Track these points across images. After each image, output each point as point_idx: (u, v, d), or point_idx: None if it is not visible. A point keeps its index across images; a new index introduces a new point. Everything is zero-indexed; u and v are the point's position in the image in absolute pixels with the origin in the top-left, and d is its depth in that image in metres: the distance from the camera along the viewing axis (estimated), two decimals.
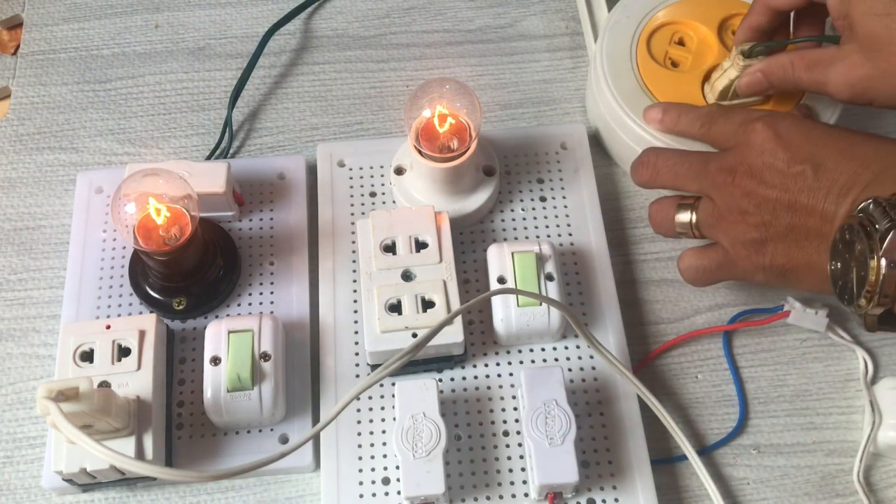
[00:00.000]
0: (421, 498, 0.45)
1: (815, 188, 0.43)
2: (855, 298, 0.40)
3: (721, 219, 0.47)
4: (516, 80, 0.64)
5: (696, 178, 0.48)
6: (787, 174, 0.44)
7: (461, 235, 0.55)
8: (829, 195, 0.43)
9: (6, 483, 0.49)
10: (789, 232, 0.44)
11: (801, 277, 0.45)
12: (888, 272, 0.38)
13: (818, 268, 0.43)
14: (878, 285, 0.38)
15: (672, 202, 0.50)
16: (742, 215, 0.45)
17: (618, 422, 0.49)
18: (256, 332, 0.48)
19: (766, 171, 0.44)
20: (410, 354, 0.44)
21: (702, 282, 0.50)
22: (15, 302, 0.55)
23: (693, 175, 0.48)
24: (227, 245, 0.54)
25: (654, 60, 0.57)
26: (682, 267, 0.50)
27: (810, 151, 0.44)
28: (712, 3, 0.59)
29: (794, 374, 0.53)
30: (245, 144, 0.61)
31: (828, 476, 0.50)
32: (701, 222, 0.48)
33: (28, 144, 0.60)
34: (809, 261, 0.44)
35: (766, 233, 0.45)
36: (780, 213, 0.44)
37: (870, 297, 0.39)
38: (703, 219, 0.48)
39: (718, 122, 0.49)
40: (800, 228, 0.44)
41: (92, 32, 0.65)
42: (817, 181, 0.43)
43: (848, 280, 0.40)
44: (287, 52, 0.65)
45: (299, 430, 0.49)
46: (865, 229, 0.39)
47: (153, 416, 0.46)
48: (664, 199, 0.51)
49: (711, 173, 0.47)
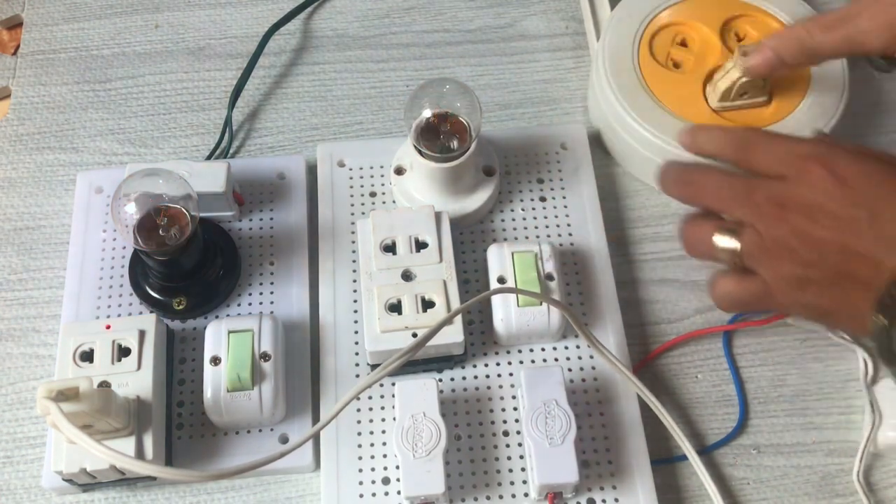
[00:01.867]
0: (421, 498, 0.45)
1: (870, 235, 0.40)
2: None
3: (766, 252, 0.43)
4: (516, 80, 0.64)
5: (742, 205, 0.44)
6: (841, 217, 0.41)
7: (461, 235, 0.55)
8: (882, 243, 0.40)
9: (6, 483, 0.49)
10: (836, 276, 0.41)
11: (841, 320, 0.43)
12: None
13: (861, 315, 0.41)
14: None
15: (712, 226, 0.45)
16: (789, 252, 0.42)
17: (618, 422, 0.49)
18: (256, 332, 0.48)
19: (820, 212, 0.42)
20: (410, 354, 0.44)
21: (735, 309, 0.48)
22: (15, 302, 0.55)
23: (739, 202, 0.44)
24: (227, 245, 0.54)
25: (655, 61, 0.57)
26: (717, 294, 0.47)
27: (868, 194, 0.41)
28: (715, 4, 0.58)
29: (794, 374, 0.53)
30: (245, 144, 0.61)
31: (828, 476, 0.50)
32: (743, 251, 0.44)
33: (28, 144, 0.60)
34: (853, 308, 0.41)
35: (813, 273, 0.42)
36: (830, 256, 0.41)
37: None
38: (746, 248, 0.44)
39: (760, 149, 0.46)
40: (848, 274, 0.41)
41: (92, 32, 0.65)
42: (872, 228, 0.40)
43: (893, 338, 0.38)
44: (287, 52, 0.65)
45: (299, 430, 0.49)
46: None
47: (153, 416, 0.46)
48: (701, 220, 0.46)
49: (759, 203, 0.43)
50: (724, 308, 0.48)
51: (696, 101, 0.56)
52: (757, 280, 0.44)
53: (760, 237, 0.43)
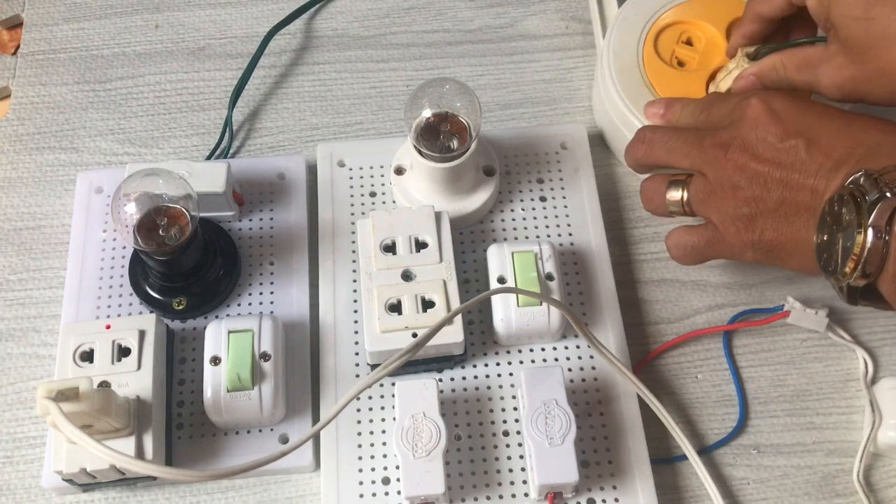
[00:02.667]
0: (421, 498, 0.45)
1: (808, 163, 0.43)
2: (839, 268, 0.40)
3: (712, 194, 0.46)
4: (516, 80, 0.64)
5: (690, 153, 0.47)
6: (779, 148, 0.44)
7: (461, 235, 0.55)
8: (820, 170, 0.42)
9: (6, 483, 0.49)
10: (779, 207, 0.44)
11: (789, 254, 0.45)
12: (874, 242, 0.38)
13: (806, 244, 0.43)
14: (862, 256, 0.38)
15: (664, 179, 0.50)
16: (733, 190, 0.45)
17: (618, 422, 0.49)
18: (256, 332, 0.48)
19: (759, 145, 0.44)
20: (410, 354, 0.44)
21: (689, 259, 0.50)
22: (15, 302, 0.55)
23: (687, 150, 0.48)
24: (227, 245, 0.54)
25: (660, 59, 0.57)
26: (669, 244, 0.50)
27: (804, 126, 0.44)
28: (721, 4, 0.58)
29: (794, 374, 0.53)
30: (245, 144, 0.61)
31: (828, 476, 0.50)
32: (692, 198, 0.48)
33: (28, 144, 0.60)
34: (798, 237, 0.44)
35: (757, 208, 0.44)
36: (772, 187, 0.44)
37: (854, 267, 0.38)
38: (695, 195, 0.48)
39: (716, 105, 0.49)
40: (790, 203, 0.43)
41: (92, 32, 0.65)
42: (810, 156, 0.43)
43: (833, 252, 0.40)
44: (287, 52, 0.65)
45: (299, 430, 0.49)
46: (855, 200, 0.38)
47: (153, 416, 0.46)
48: (656, 176, 0.50)
49: (705, 148, 0.46)
50: (679, 259, 0.50)
51: None
52: (707, 225, 0.48)
53: (706, 181, 0.46)
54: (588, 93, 0.63)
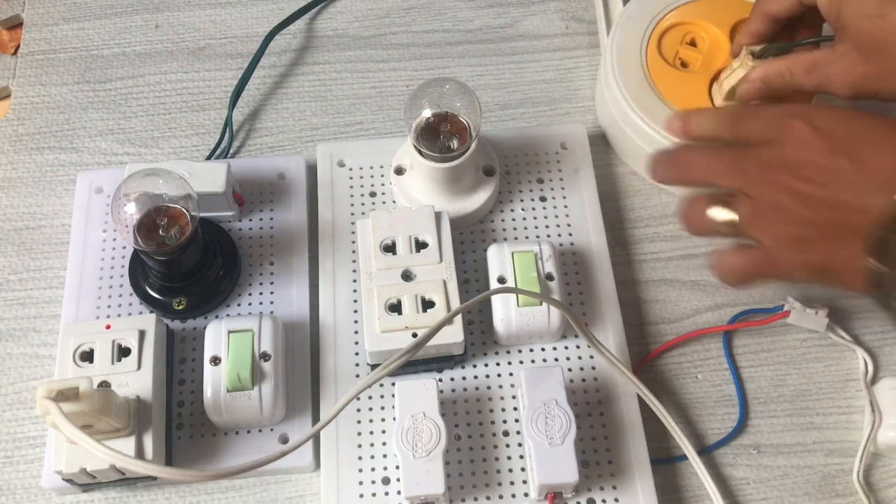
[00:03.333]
0: (421, 498, 0.45)
1: (854, 182, 0.41)
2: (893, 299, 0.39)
3: (760, 216, 0.44)
4: (516, 80, 0.64)
5: (732, 174, 0.45)
6: (825, 168, 0.42)
7: (461, 235, 0.55)
8: (867, 188, 0.41)
9: (6, 483, 0.49)
10: (830, 228, 0.42)
11: (841, 277, 0.43)
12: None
13: (858, 265, 0.41)
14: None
15: (706, 200, 0.46)
16: (782, 212, 0.43)
17: (618, 422, 0.49)
18: (256, 332, 0.48)
19: (805, 167, 0.43)
20: (410, 354, 0.44)
21: (739, 281, 0.48)
22: (15, 302, 0.55)
23: (729, 172, 0.45)
24: (227, 245, 0.54)
25: (663, 59, 0.57)
26: (720, 268, 0.47)
27: (848, 143, 0.42)
28: (726, 5, 0.58)
29: (794, 374, 0.53)
30: (245, 144, 0.61)
31: (828, 476, 0.50)
32: (741, 220, 0.45)
33: (28, 144, 0.60)
34: (850, 259, 0.42)
35: (808, 230, 0.43)
36: (820, 208, 0.42)
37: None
38: (743, 216, 0.45)
39: (748, 119, 0.47)
40: (839, 224, 0.42)
41: (92, 32, 0.65)
42: (855, 174, 0.41)
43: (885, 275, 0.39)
44: (287, 52, 0.65)
45: (299, 430, 0.49)
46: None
47: (153, 416, 0.46)
48: (695, 198, 0.47)
49: (748, 170, 0.45)
50: (729, 282, 0.48)
51: (702, 100, 0.56)
52: (757, 248, 0.45)
53: (753, 203, 0.44)
54: (588, 93, 0.63)
